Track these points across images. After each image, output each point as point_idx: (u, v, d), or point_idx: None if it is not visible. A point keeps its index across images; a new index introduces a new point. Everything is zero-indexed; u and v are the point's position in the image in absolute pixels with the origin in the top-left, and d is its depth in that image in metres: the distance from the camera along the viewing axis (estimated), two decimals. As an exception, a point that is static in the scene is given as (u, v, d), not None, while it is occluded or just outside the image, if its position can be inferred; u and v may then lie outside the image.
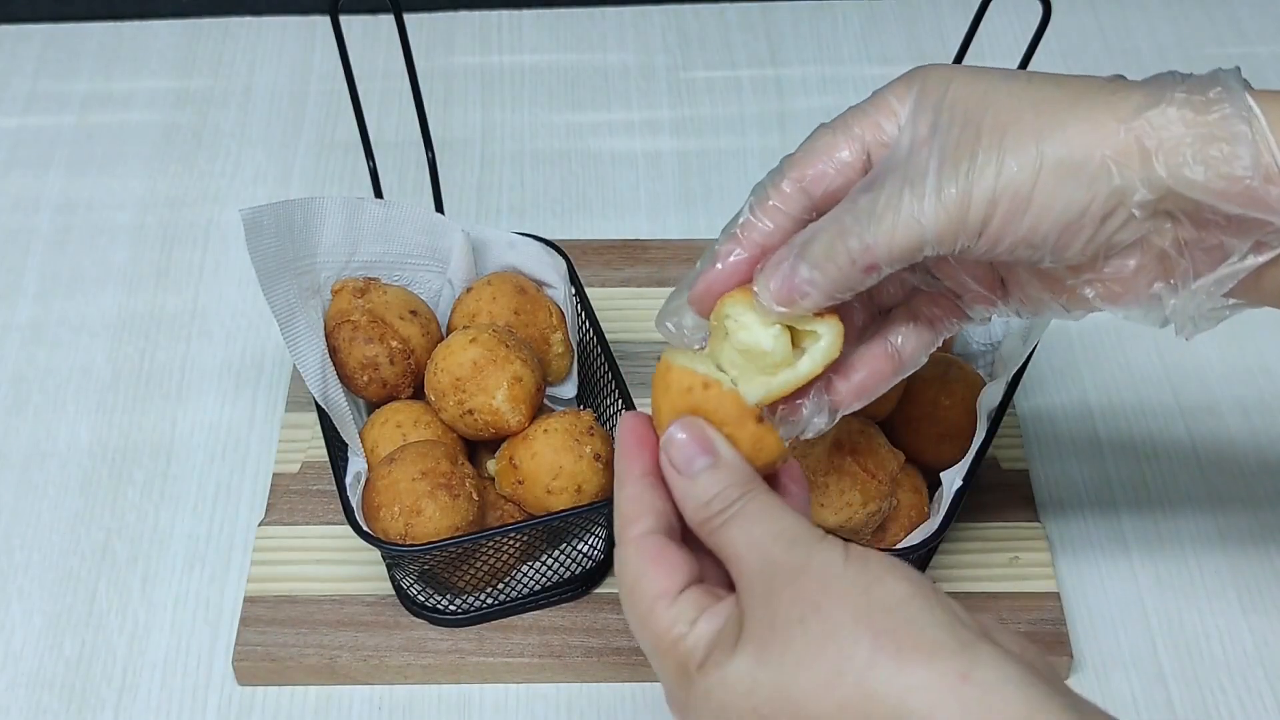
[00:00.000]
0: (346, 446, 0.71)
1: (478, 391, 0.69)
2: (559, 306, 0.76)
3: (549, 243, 0.76)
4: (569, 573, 0.71)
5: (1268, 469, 0.79)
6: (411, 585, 0.70)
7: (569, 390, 0.77)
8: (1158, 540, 0.76)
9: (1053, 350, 0.85)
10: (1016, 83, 0.50)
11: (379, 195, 0.75)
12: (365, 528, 0.66)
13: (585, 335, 0.76)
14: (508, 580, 0.70)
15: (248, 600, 0.72)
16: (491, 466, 0.70)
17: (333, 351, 0.71)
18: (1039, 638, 0.70)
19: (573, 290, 0.75)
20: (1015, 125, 0.48)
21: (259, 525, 0.75)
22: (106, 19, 1.07)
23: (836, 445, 0.67)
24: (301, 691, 0.70)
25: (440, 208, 0.77)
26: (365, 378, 0.72)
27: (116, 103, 1.01)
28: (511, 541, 0.68)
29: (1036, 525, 0.75)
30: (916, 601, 0.42)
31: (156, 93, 1.02)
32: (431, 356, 0.71)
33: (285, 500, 0.76)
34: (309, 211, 0.71)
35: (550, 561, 0.70)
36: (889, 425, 0.72)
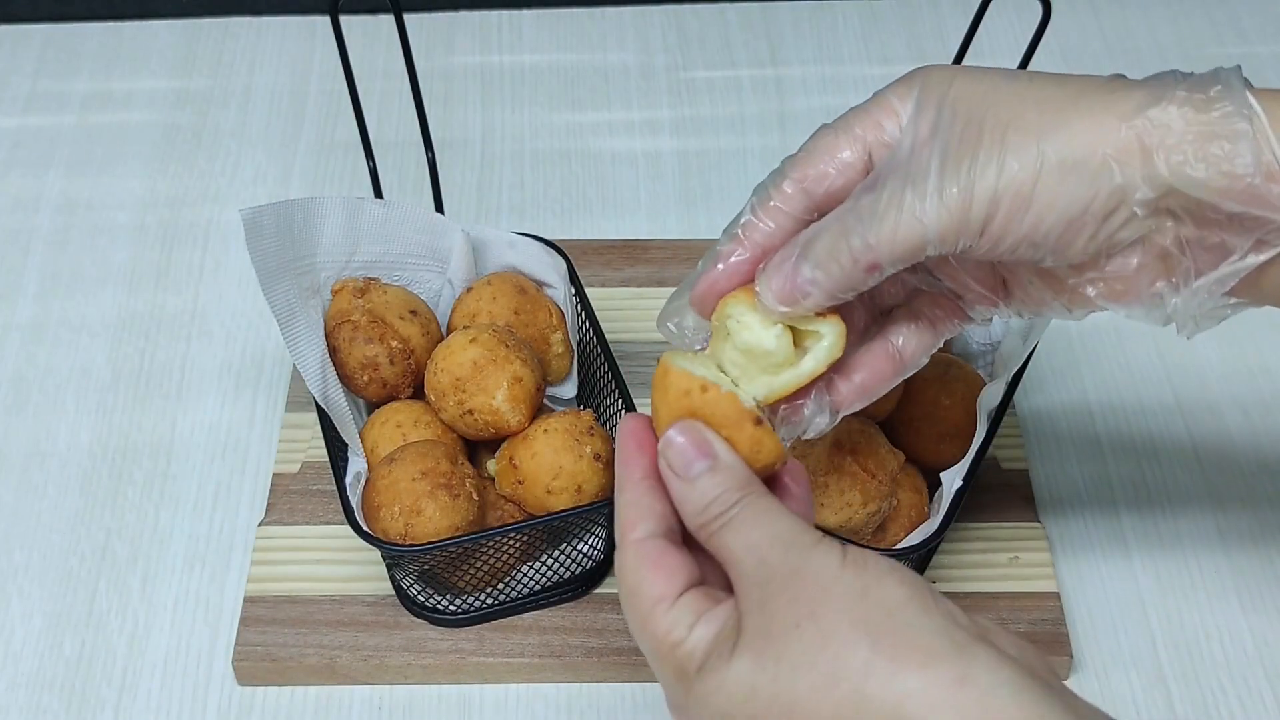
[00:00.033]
0: (346, 446, 0.71)
1: (478, 391, 0.69)
2: (559, 306, 0.76)
3: (549, 243, 0.76)
4: (569, 573, 0.71)
5: (1267, 469, 0.79)
6: (411, 585, 0.70)
7: (569, 390, 0.77)
8: (1158, 540, 0.76)
9: (1053, 350, 0.85)
10: (1018, 82, 0.50)
11: (379, 195, 0.75)
12: (365, 528, 0.66)
13: (585, 335, 0.76)
14: (508, 580, 0.70)
15: (248, 600, 0.72)
16: (491, 466, 0.70)
17: (333, 351, 0.71)
18: (1039, 638, 0.70)
19: (573, 290, 0.75)
20: (1017, 124, 0.48)
21: (259, 525, 0.75)
22: (106, 19, 1.07)
23: (836, 445, 0.67)
24: (301, 691, 0.70)
25: (440, 208, 0.77)
26: (365, 378, 0.72)
27: (116, 103, 1.01)
28: (511, 541, 0.68)
29: (1036, 525, 0.75)
30: (913, 605, 0.43)
31: (156, 93, 1.02)
32: (431, 356, 0.71)
33: (285, 500, 0.76)
34: (309, 211, 0.71)
35: (550, 561, 0.70)
36: (889, 425, 0.72)
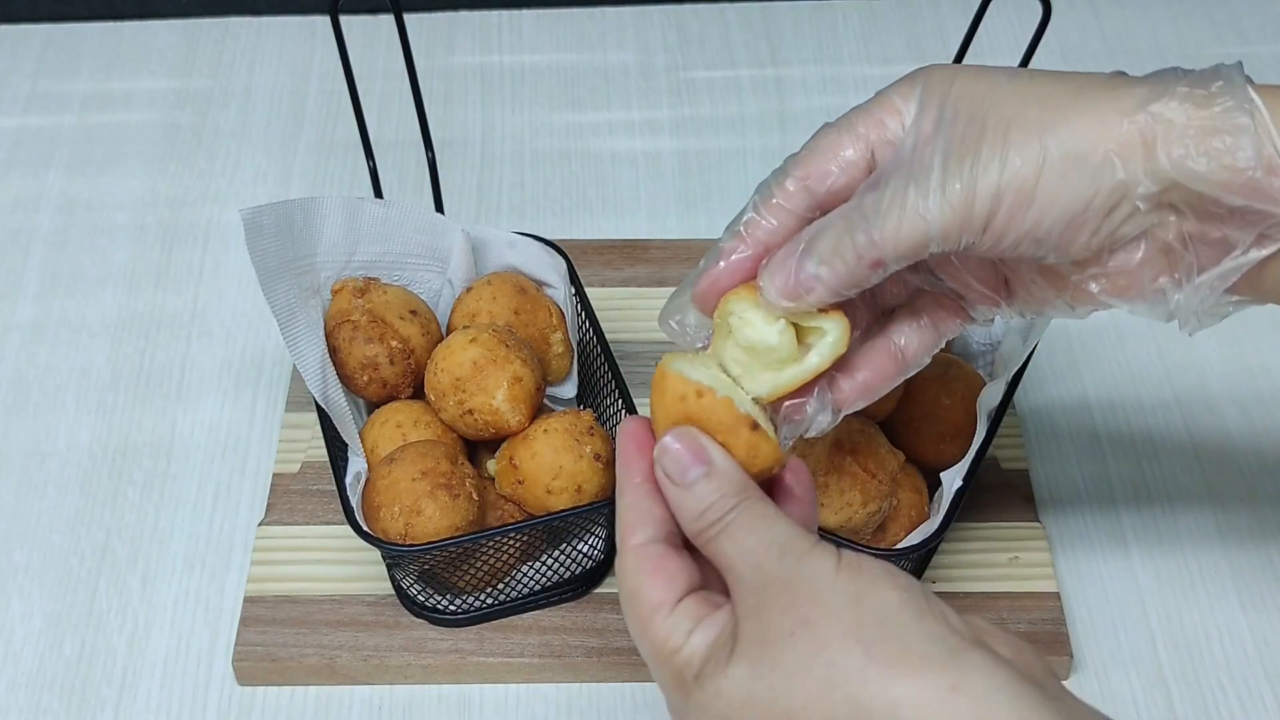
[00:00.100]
0: (346, 446, 0.71)
1: (478, 391, 0.69)
2: (559, 306, 0.76)
3: (549, 243, 0.76)
4: (569, 573, 0.71)
5: (1267, 468, 0.79)
6: (411, 585, 0.70)
7: (569, 390, 0.77)
8: (1158, 539, 0.76)
9: (1053, 350, 0.85)
10: (1019, 80, 0.50)
11: (379, 195, 0.75)
12: (365, 528, 0.66)
13: (585, 335, 0.76)
14: (508, 580, 0.70)
15: (248, 600, 0.72)
16: (491, 466, 0.70)
17: (333, 351, 0.71)
18: (1039, 638, 0.70)
19: (573, 290, 0.75)
20: (1019, 121, 0.48)
21: (259, 525, 0.75)
22: (106, 19, 1.07)
23: (836, 445, 0.67)
24: (301, 691, 0.70)
25: (440, 208, 0.77)
26: (365, 378, 0.72)
27: (116, 103, 1.01)
28: (511, 541, 0.68)
29: (1036, 525, 0.75)
30: (907, 611, 0.42)
31: (156, 93, 1.02)
32: (431, 356, 0.71)
33: (285, 500, 0.76)
34: (309, 211, 0.71)
35: (550, 561, 0.70)
36: (889, 425, 0.72)
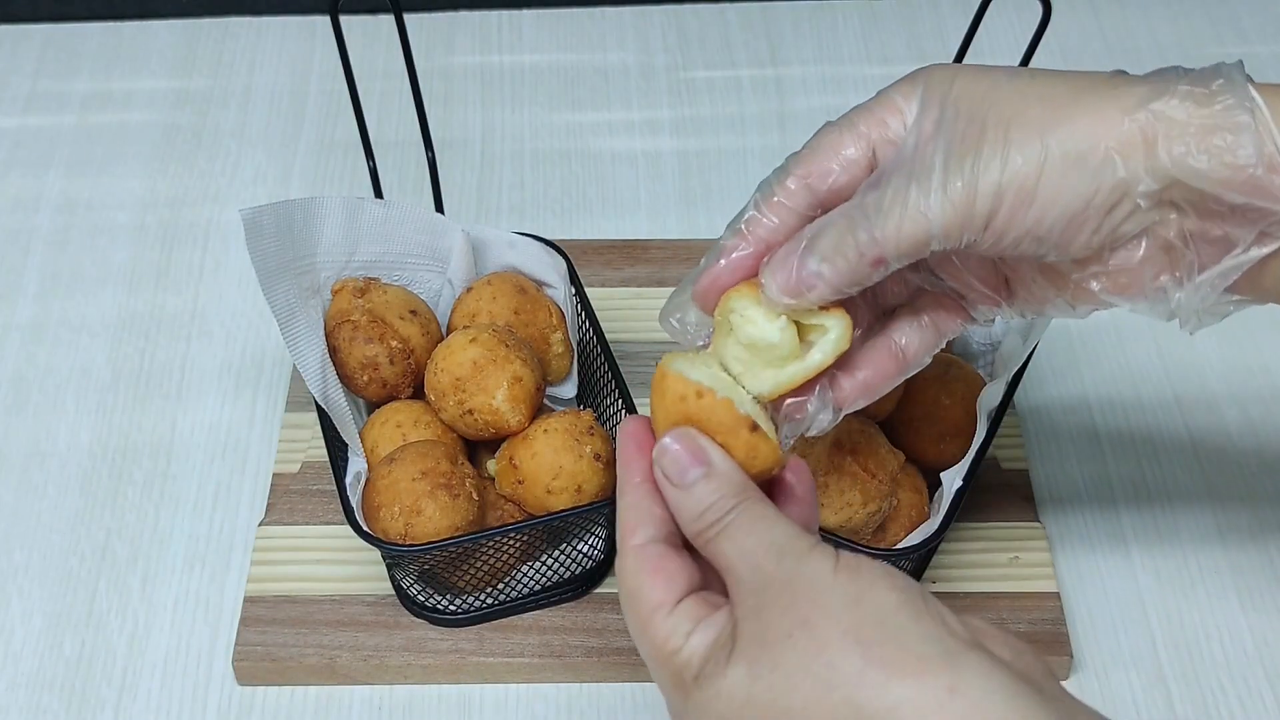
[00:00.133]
0: (346, 446, 0.71)
1: (478, 391, 0.69)
2: (559, 306, 0.76)
3: (549, 243, 0.76)
4: (569, 573, 0.71)
5: (1267, 467, 0.79)
6: (411, 585, 0.70)
7: (569, 390, 0.77)
8: (1158, 540, 0.76)
9: (1053, 350, 0.85)
10: (1020, 79, 0.50)
11: (379, 195, 0.75)
12: (365, 528, 0.66)
13: (585, 335, 0.76)
14: (508, 580, 0.70)
15: (248, 600, 0.72)
16: (491, 466, 0.70)
17: (333, 351, 0.71)
18: (1039, 638, 0.70)
19: (573, 290, 0.75)
20: (1020, 119, 0.49)
21: (259, 525, 0.75)
22: (106, 19, 1.07)
23: (836, 445, 0.67)
24: (301, 691, 0.70)
25: (440, 208, 0.77)
26: (365, 378, 0.72)
27: (116, 103, 1.01)
28: (511, 541, 0.68)
29: (1036, 525, 0.75)
30: (905, 612, 0.42)
31: (156, 93, 1.02)
32: (431, 356, 0.71)
33: (285, 500, 0.76)
34: (309, 211, 0.71)
35: (550, 561, 0.70)
36: (889, 425, 0.72)
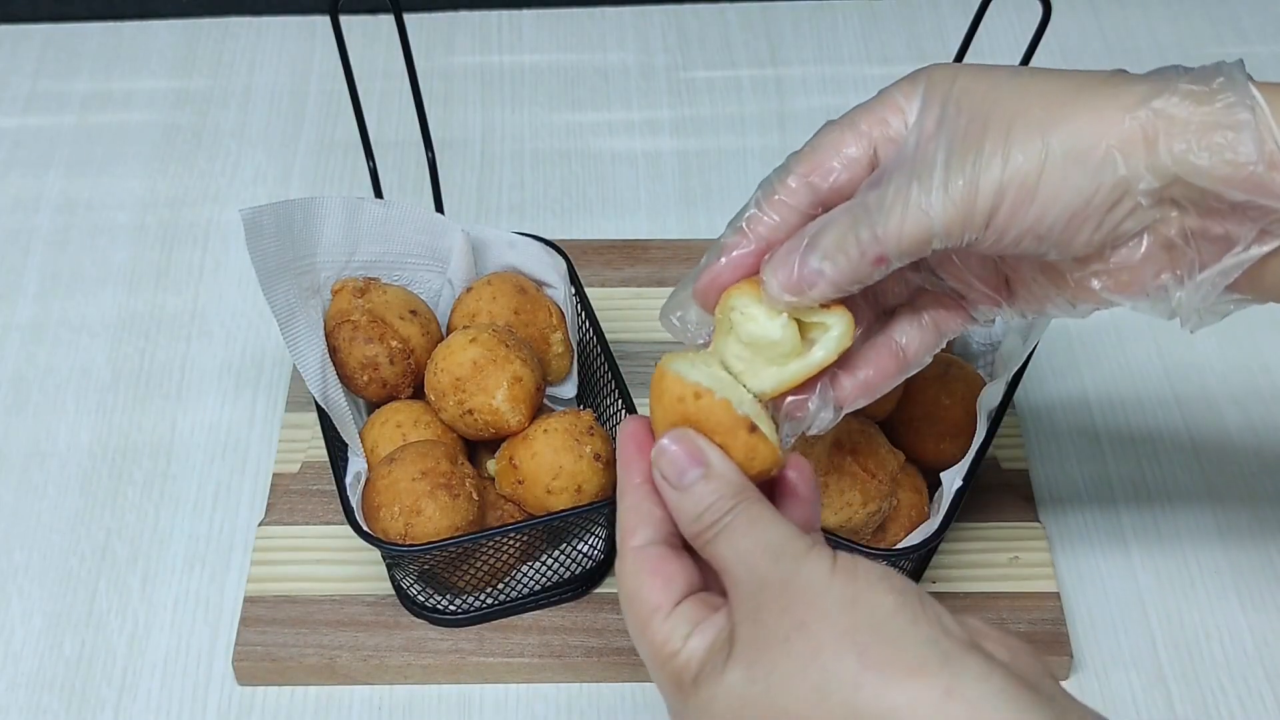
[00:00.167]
0: (346, 446, 0.71)
1: (478, 391, 0.69)
2: (559, 306, 0.76)
3: (549, 243, 0.76)
4: (569, 573, 0.71)
5: (1267, 466, 0.79)
6: (411, 585, 0.70)
7: (569, 390, 0.77)
8: (1158, 540, 0.76)
9: (1053, 349, 0.85)
10: (1021, 77, 0.50)
11: (379, 195, 0.75)
12: (365, 528, 0.66)
13: (585, 335, 0.76)
14: (508, 580, 0.70)
15: (248, 600, 0.72)
16: (491, 466, 0.70)
17: (333, 351, 0.71)
18: (1039, 638, 0.70)
19: (573, 290, 0.75)
20: (1021, 118, 0.49)
21: (259, 525, 0.75)
22: (106, 19, 1.07)
23: (836, 445, 0.67)
24: (301, 691, 0.70)
25: (440, 208, 0.77)
26: (365, 378, 0.72)
27: (116, 103, 1.01)
28: (511, 541, 0.68)
29: (1036, 525, 0.75)
30: (902, 615, 0.42)
31: (156, 93, 1.02)
32: (431, 356, 0.71)
33: (285, 500, 0.76)
34: (309, 211, 0.71)
35: (550, 561, 0.70)
36: (889, 425, 0.72)
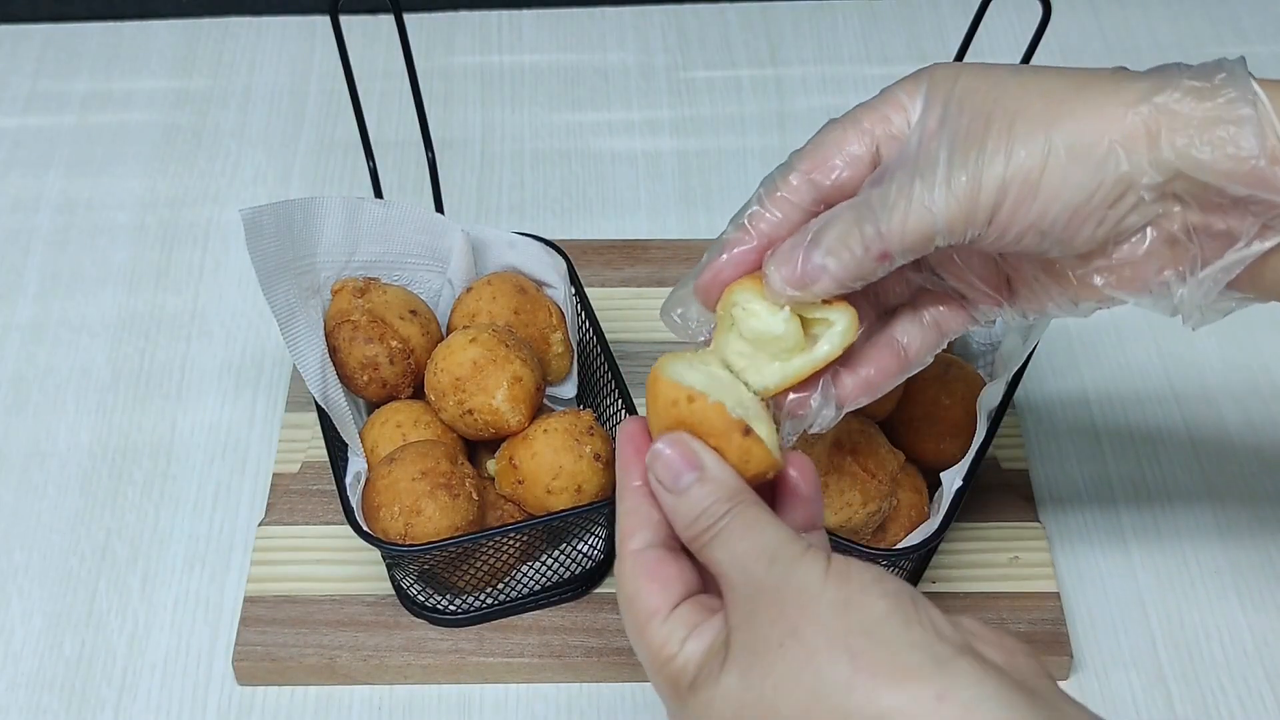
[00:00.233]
0: (346, 446, 0.71)
1: (478, 391, 0.69)
2: (559, 306, 0.76)
3: (549, 243, 0.76)
4: (569, 573, 0.71)
5: (1267, 466, 0.79)
6: (411, 585, 0.70)
7: (569, 390, 0.77)
8: (1158, 540, 0.76)
9: (1052, 349, 0.85)
10: (1023, 75, 0.51)
11: (379, 195, 0.75)
12: (365, 528, 0.66)
13: (585, 335, 0.76)
14: (508, 580, 0.70)
15: (248, 600, 0.72)
16: (491, 466, 0.70)
17: (333, 351, 0.71)
18: (1039, 638, 0.70)
19: (573, 290, 0.75)
20: (1024, 114, 0.49)
21: (259, 525, 0.75)
22: (106, 19, 1.07)
23: (836, 445, 0.67)
24: (301, 691, 0.70)
25: (440, 208, 0.77)
26: (365, 378, 0.72)
27: (116, 103, 1.01)
28: (511, 541, 0.68)
29: (1036, 525, 0.75)
30: (894, 619, 0.42)
31: (156, 93, 1.02)
32: (431, 356, 0.71)
33: (285, 500, 0.76)
34: (309, 211, 0.71)
35: (550, 561, 0.70)
36: (889, 425, 0.72)
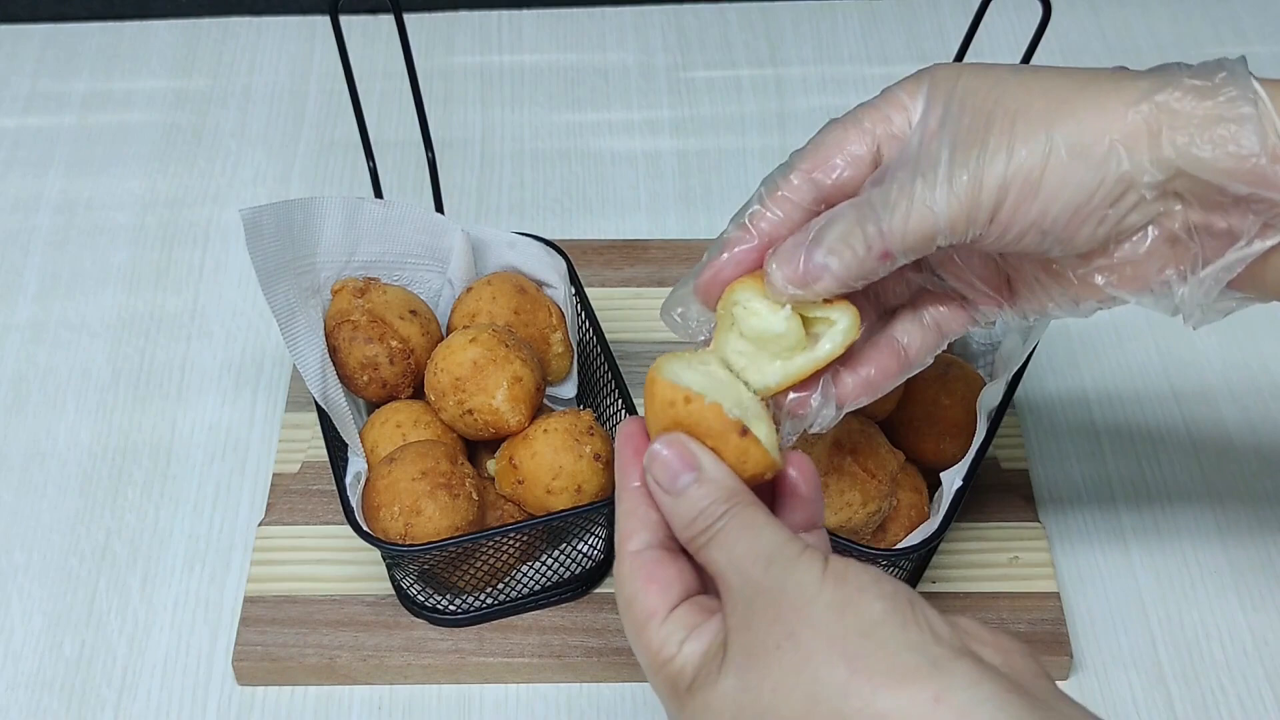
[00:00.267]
0: (346, 446, 0.71)
1: (478, 391, 0.69)
2: (559, 306, 0.76)
3: (549, 243, 0.76)
4: (569, 573, 0.71)
5: (1267, 465, 0.79)
6: (411, 585, 0.70)
7: (569, 390, 0.77)
8: (1158, 540, 0.76)
9: (1053, 348, 0.85)
10: (1024, 74, 0.51)
11: (379, 195, 0.75)
12: (365, 528, 0.67)
13: (585, 335, 0.76)
14: (508, 580, 0.70)
15: (248, 600, 0.72)
16: (491, 466, 0.70)
17: (333, 351, 0.71)
18: (1039, 638, 0.70)
19: (573, 290, 0.75)
20: (1025, 113, 0.49)
21: (259, 525, 0.75)
22: (106, 19, 1.07)
23: (836, 445, 0.67)
24: (301, 691, 0.70)
25: (440, 208, 0.77)
26: (365, 378, 0.72)
27: (116, 103, 1.01)
28: (511, 541, 0.68)
29: (1036, 525, 0.75)
30: (891, 621, 0.42)
31: (156, 93, 1.02)
32: (431, 356, 0.71)
33: (285, 500, 0.76)
34: (309, 211, 0.71)
35: (550, 561, 0.70)
36: (889, 425, 0.72)
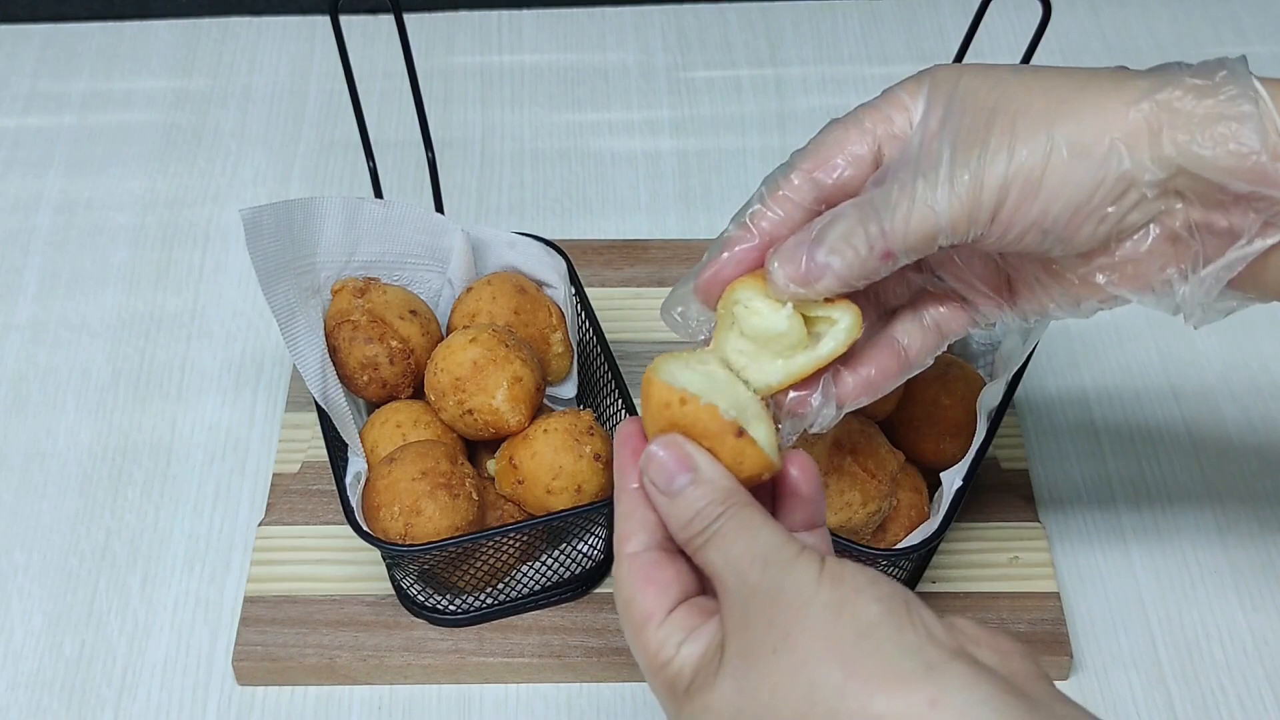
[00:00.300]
0: (346, 446, 0.71)
1: (478, 391, 0.69)
2: (559, 306, 0.76)
3: (549, 243, 0.76)
4: (569, 573, 0.71)
5: (1267, 465, 0.79)
6: (411, 585, 0.70)
7: (569, 390, 0.77)
8: (1158, 540, 0.76)
9: (1053, 348, 0.85)
10: (1024, 74, 0.51)
11: (379, 195, 0.75)
12: (365, 528, 0.67)
13: (585, 335, 0.76)
14: (508, 580, 0.70)
15: (248, 600, 0.72)
16: (491, 466, 0.70)
17: (333, 351, 0.71)
18: (1039, 638, 0.70)
19: (573, 290, 0.75)
20: (1026, 112, 0.49)
21: (259, 525, 0.75)
22: (106, 19, 1.07)
23: (836, 445, 0.67)
24: (301, 691, 0.70)
25: (440, 208, 0.77)
26: (365, 378, 0.72)
27: (116, 103, 1.01)
28: (511, 541, 0.68)
29: (1036, 525, 0.75)
30: (887, 624, 0.42)
31: (156, 93, 1.02)
32: (431, 356, 0.71)
33: (285, 500, 0.76)
34: (309, 211, 0.71)
35: (550, 561, 0.70)
36: (889, 425, 0.72)
